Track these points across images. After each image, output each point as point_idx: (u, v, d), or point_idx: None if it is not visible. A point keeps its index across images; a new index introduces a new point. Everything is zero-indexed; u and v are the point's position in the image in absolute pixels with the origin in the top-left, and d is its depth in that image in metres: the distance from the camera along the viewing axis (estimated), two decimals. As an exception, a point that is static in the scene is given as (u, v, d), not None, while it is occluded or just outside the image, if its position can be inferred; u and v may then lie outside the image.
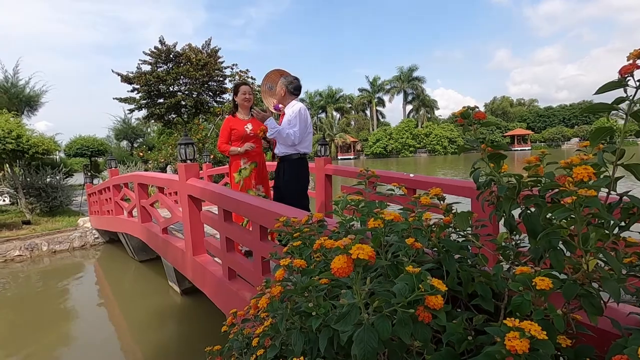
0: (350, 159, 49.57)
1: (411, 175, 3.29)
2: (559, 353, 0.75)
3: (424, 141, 49.08)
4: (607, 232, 0.65)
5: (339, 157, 48.86)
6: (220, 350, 1.41)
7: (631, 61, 0.57)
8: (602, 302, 0.70)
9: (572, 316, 0.79)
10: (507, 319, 0.56)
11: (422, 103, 54.05)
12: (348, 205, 1.30)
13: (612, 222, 0.62)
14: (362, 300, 0.57)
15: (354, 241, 0.56)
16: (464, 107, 0.80)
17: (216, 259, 3.26)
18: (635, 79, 0.57)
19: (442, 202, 0.94)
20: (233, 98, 3.52)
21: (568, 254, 0.81)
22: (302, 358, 0.53)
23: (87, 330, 4.58)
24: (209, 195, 2.85)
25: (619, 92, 0.70)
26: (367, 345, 0.54)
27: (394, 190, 1.41)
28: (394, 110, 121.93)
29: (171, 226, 4.47)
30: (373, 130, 53.91)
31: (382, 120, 58.11)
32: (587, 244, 0.62)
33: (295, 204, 2.81)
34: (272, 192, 3.75)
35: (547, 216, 0.62)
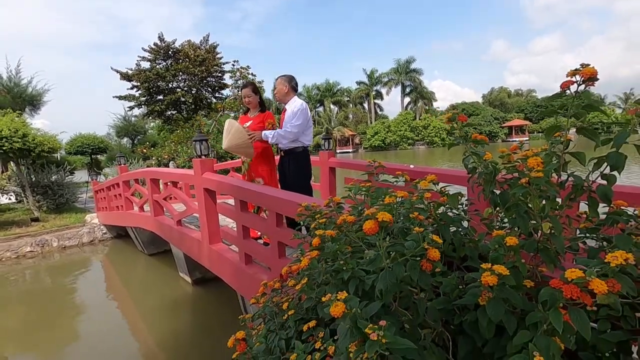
0: (348, 152, 49.75)
1: (411, 166, 3.54)
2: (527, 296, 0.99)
3: (422, 133, 49.24)
4: (560, 204, 0.89)
5: (338, 151, 49.04)
6: (252, 316, 1.65)
7: (569, 78, 0.81)
8: (558, 256, 0.95)
9: (539, 269, 1.03)
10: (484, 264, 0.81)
11: (420, 95, 54.14)
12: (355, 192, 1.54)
13: (557, 195, 0.85)
14: (384, 252, 0.81)
15: (379, 210, 0.80)
16: (451, 112, 1.03)
17: (232, 246, 3.51)
18: (572, 90, 0.81)
19: (436, 185, 1.18)
20: None
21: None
22: (344, 293, 0.76)
23: (101, 321, 4.74)
24: (226, 188, 3.08)
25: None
26: (388, 282, 0.78)
27: (398, 179, 1.65)
28: (392, 103, 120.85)
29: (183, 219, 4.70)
30: (371, 123, 54.02)
31: (380, 113, 58.21)
32: (542, 213, 0.86)
33: (300, 194, 3.06)
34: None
35: (513, 193, 0.85)
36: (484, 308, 0.84)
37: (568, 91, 0.83)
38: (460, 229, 1.23)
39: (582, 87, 0.81)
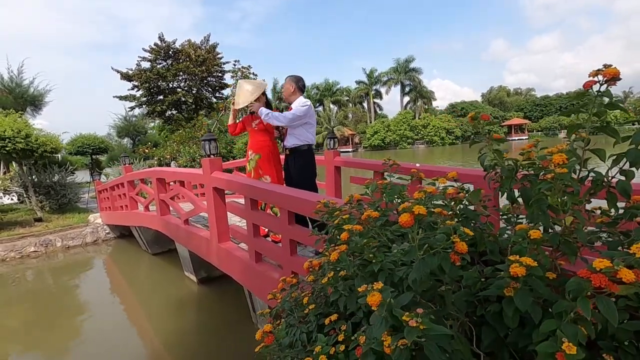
0: (348, 151, 49.68)
1: (417, 165, 3.58)
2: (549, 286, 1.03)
3: (422, 132, 49.23)
4: (580, 199, 0.93)
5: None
6: (270, 311, 1.69)
7: (592, 78, 0.85)
8: (578, 249, 0.99)
9: (558, 262, 1.07)
10: (510, 256, 0.84)
11: (420, 94, 54.11)
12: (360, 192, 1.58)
13: (579, 189, 0.89)
14: (417, 244, 0.85)
15: (414, 204, 0.84)
16: (474, 112, 1.08)
17: (241, 244, 3.54)
18: (595, 90, 0.85)
19: (456, 182, 1.22)
20: None
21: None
22: (380, 283, 0.80)
23: (105, 320, 4.74)
24: (236, 186, 3.12)
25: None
26: (422, 272, 0.82)
27: (412, 177, 1.69)
28: (391, 102, 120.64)
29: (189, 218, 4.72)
30: (371, 122, 54.00)
31: (379, 112, 58.14)
32: (564, 207, 0.90)
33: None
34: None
35: (537, 188, 0.89)
36: (510, 298, 0.88)
37: (591, 91, 0.87)
38: (478, 224, 1.27)
39: (604, 86, 0.85)
